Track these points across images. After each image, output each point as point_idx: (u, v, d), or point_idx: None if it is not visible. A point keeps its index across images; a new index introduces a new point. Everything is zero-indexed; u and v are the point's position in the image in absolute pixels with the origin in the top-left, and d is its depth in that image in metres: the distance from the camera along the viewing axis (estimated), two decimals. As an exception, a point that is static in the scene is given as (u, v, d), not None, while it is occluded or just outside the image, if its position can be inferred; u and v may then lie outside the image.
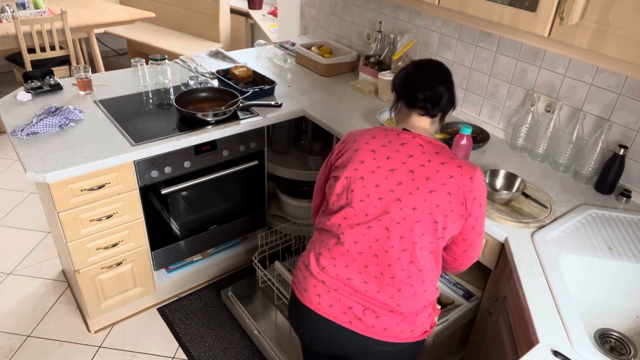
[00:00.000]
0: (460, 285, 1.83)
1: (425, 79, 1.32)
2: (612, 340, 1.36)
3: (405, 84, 1.34)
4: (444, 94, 1.30)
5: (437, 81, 1.31)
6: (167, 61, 2.34)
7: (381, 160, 1.27)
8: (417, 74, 1.33)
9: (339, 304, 1.28)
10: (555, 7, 1.41)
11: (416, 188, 1.22)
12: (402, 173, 1.25)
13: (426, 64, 1.35)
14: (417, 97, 1.30)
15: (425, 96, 1.30)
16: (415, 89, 1.31)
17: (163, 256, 2.21)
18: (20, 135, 1.84)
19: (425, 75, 1.32)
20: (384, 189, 1.24)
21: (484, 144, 1.95)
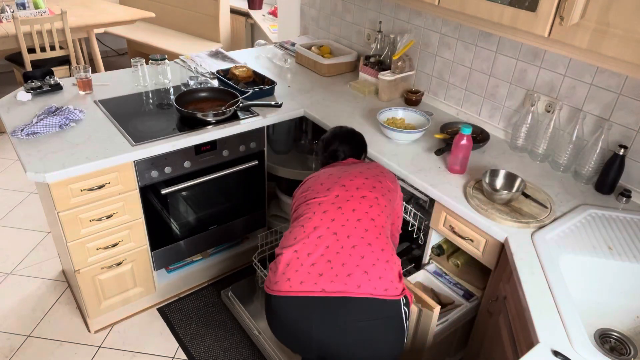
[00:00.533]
0: (460, 285, 1.83)
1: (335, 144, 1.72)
2: (612, 340, 1.36)
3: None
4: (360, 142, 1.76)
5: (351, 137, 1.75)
6: (167, 61, 2.34)
7: (337, 177, 1.54)
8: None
9: (310, 276, 1.34)
10: (555, 7, 1.41)
11: (362, 197, 1.47)
12: (353, 188, 1.50)
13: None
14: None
15: (344, 146, 1.74)
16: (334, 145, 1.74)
17: (163, 256, 2.21)
18: (20, 135, 1.84)
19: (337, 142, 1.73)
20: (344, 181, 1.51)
21: (484, 144, 1.95)
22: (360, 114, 2.22)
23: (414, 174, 1.79)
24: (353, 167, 1.58)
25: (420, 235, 1.91)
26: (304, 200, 1.51)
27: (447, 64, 2.24)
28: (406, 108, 2.15)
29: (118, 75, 2.44)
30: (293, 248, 1.39)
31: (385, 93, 2.35)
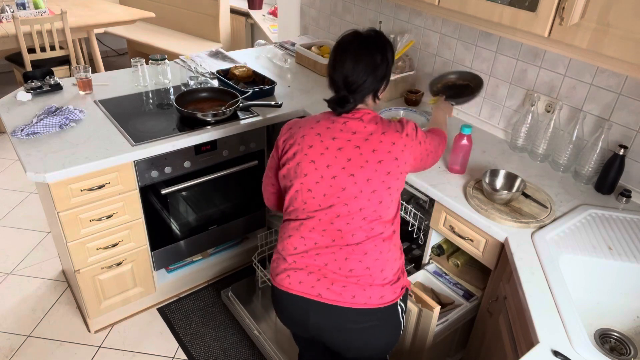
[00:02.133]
0: (460, 285, 1.83)
1: (344, 70, 1.33)
2: (612, 340, 1.36)
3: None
4: (362, 78, 1.32)
5: (357, 64, 1.31)
6: (167, 61, 2.34)
7: (328, 142, 1.33)
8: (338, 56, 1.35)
9: (308, 278, 1.34)
10: (555, 7, 1.41)
11: (365, 161, 1.30)
12: (349, 150, 1.31)
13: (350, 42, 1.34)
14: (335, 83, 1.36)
15: (338, 98, 1.35)
16: (338, 83, 1.35)
17: (163, 256, 2.21)
18: (20, 135, 1.84)
19: (346, 65, 1.33)
20: (335, 168, 1.31)
21: (479, 92, 1.92)
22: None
23: (414, 174, 1.79)
24: (359, 139, 1.32)
25: (420, 235, 1.91)
26: (294, 177, 1.35)
27: (447, 64, 2.24)
28: (406, 108, 2.15)
29: (118, 75, 2.44)
30: (301, 240, 1.36)
31: (385, 93, 2.35)
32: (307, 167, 1.33)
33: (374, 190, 1.30)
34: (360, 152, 1.30)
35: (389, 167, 1.30)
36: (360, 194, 1.30)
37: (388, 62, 1.35)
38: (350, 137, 1.32)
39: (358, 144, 1.31)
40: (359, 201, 1.30)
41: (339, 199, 1.31)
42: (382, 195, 1.31)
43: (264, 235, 2.30)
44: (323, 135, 1.34)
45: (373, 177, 1.30)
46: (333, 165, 1.31)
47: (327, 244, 1.33)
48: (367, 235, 1.32)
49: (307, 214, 1.35)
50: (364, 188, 1.30)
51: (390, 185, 1.31)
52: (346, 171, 1.30)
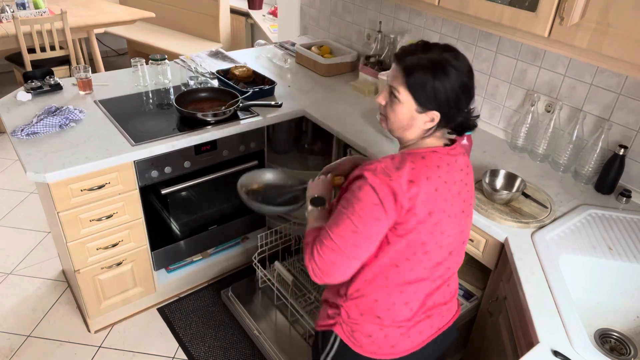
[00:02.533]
0: (460, 285, 1.83)
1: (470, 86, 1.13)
2: (612, 340, 1.36)
3: (458, 97, 1.10)
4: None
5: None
6: (167, 61, 2.34)
7: (451, 198, 1.15)
8: (469, 81, 1.12)
9: (426, 324, 1.24)
10: (555, 7, 1.41)
11: (469, 193, 1.22)
12: (464, 190, 1.19)
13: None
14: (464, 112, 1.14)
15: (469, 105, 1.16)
16: (466, 102, 1.13)
17: (163, 256, 2.21)
18: (20, 135, 1.84)
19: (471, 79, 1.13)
20: (457, 221, 1.19)
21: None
22: (360, 114, 2.22)
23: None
24: (464, 176, 1.18)
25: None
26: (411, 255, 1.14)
27: (447, 64, 2.24)
28: (406, 108, 2.15)
29: (118, 75, 2.44)
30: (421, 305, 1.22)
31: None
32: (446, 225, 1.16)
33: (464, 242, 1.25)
34: (468, 190, 1.21)
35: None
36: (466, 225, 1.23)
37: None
38: (463, 177, 1.19)
39: (467, 181, 1.20)
40: (466, 234, 1.25)
41: (457, 242, 1.22)
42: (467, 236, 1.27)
43: (264, 235, 2.30)
44: (447, 194, 1.14)
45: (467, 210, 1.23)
46: (456, 218, 1.18)
47: (438, 285, 1.23)
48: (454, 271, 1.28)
49: (428, 271, 1.18)
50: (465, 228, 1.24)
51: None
52: (465, 213, 1.21)
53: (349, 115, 2.21)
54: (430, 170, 1.10)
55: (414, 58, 1.09)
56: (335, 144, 2.18)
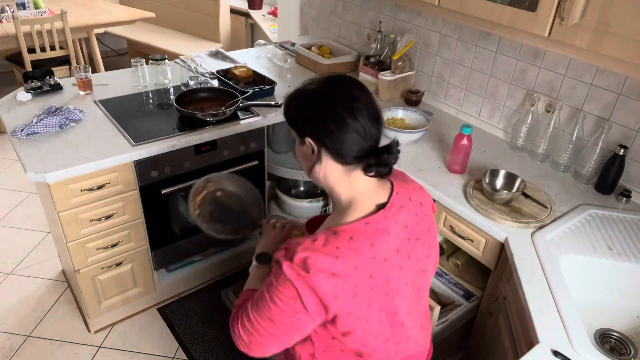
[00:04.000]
0: (460, 285, 1.83)
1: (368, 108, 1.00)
2: (612, 340, 1.36)
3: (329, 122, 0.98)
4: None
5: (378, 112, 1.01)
6: (167, 61, 2.34)
7: (406, 244, 1.05)
8: (357, 99, 1.00)
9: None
10: (555, 7, 1.41)
11: (429, 244, 1.12)
12: (417, 230, 1.08)
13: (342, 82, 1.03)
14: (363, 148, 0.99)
15: (377, 135, 1.00)
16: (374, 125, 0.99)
17: (163, 256, 2.21)
18: (20, 135, 1.84)
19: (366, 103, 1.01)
20: (414, 264, 1.08)
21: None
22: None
23: (413, 174, 1.79)
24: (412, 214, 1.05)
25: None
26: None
27: (447, 64, 2.24)
28: (406, 108, 2.15)
29: (118, 75, 2.44)
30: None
31: (385, 93, 2.35)
32: (402, 290, 1.06)
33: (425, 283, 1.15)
34: (423, 243, 1.09)
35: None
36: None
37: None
38: (411, 232, 1.07)
39: (419, 234, 1.08)
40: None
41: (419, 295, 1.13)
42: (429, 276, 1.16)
43: (264, 235, 2.30)
44: (398, 240, 1.03)
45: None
46: (412, 261, 1.08)
47: (408, 335, 1.13)
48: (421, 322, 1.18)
49: (395, 329, 1.08)
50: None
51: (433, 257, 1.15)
52: (423, 271, 1.11)
53: (349, 115, 2.20)
54: (360, 256, 0.94)
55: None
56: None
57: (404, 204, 1.03)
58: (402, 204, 1.03)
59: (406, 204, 1.04)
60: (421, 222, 1.07)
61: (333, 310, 0.94)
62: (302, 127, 1.01)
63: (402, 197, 1.04)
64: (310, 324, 0.97)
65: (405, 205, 1.03)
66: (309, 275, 0.91)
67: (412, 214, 1.04)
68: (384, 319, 1.02)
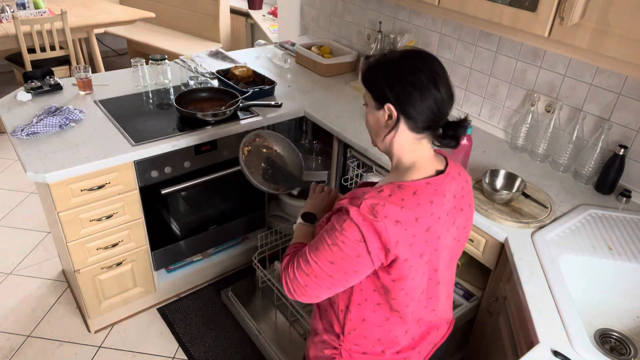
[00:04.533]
0: (460, 285, 1.83)
1: (448, 83, 1.04)
2: (612, 340, 1.36)
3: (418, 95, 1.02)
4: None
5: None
6: (167, 61, 2.34)
7: (453, 215, 1.12)
8: (439, 75, 1.03)
9: (424, 343, 1.22)
10: (555, 7, 1.41)
11: (463, 212, 1.16)
12: (465, 203, 1.15)
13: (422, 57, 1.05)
14: (443, 114, 1.05)
15: (448, 107, 1.06)
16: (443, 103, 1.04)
17: (163, 256, 2.21)
18: (20, 135, 1.84)
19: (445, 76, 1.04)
20: (458, 234, 1.16)
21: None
22: (360, 114, 2.22)
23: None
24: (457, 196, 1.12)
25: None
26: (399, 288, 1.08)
27: (447, 64, 2.24)
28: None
29: (118, 75, 2.44)
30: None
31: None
32: (439, 257, 1.12)
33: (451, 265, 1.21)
34: (464, 214, 1.17)
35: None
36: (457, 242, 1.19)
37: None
38: (458, 202, 1.13)
39: (463, 205, 1.15)
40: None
41: (449, 268, 1.20)
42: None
43: (264, 235, 2.30)
44: (446, 214, 1.10)
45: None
46: (458, 232, 1.17)
47: (434, 307, 1.21)
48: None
49: (424, 301, 1.17)
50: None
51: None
52: (458, 240, 1.18)
53: (349, 115, 2.21)
54: (422, 209, 1.02)
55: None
56: (335, 144, 2.18)
57: (456, 177, 1.12)
58: (454, 175, 1.11)
59: (457, 177, 1.12)
60: (466, 196, 1.15)
61: (393, 254, 1.00)
62: (385, 94, 1.04)
63: (454, 170, 1.12)
64: (368, 268, 1.03)
65: (456, 177, 1.12)
66: (377, 220, 0.98)
67: (459, 187, 1.12)
68: (426, 272, 1.10)
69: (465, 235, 1.20)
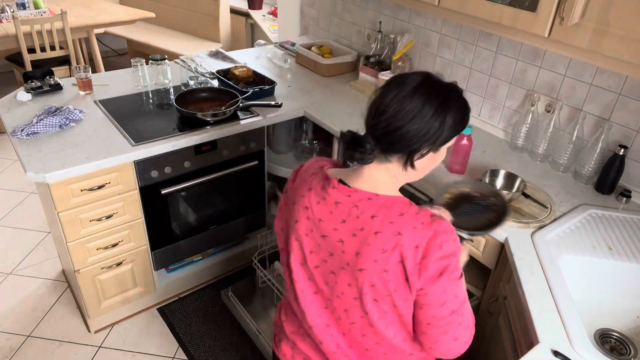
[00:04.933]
0: (460, 285, 1.83)
1: (384, 100, 0.96)
2: (612, 340, 1.36)
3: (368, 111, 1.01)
4: (396, 128, 0.94)
5: (403, 100, 0.94)
6: (167, 61, 2.34)
7: (314, 222, 1.04)
8: (381, 94, 0.98)
9: None
10: (555, 7, 1.41)
11: (346, 263, 1.00)
12: (332, 242, 1.01)
13: (404, 80, 0.99)
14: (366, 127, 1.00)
15: (350, 137, 0.99)
16: (367, 116, 1.00)
17: (163, 256, 2.21)
18: (20, 135, 1.84)
19: (389, 94, 0.96)
20: (317, 257, 1.05)
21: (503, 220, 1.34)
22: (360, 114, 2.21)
23: (414, 174, 1.79)
24: (348, 222, 1.00)
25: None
26: (285, 242, 1.10)
27: (447, 64, 2.24)
28: (406, 108, 2.15)
29: (118, 75, 2.44)
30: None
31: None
32: (291, 245, 1.07)
33: (356, 297, 1.01)
34: (343, 250, 1.00)
35: (374, 279, 0.97)
36: (342, 295, 1.03)
37: (444, 123, 0.96)
38: (338, 225, 1.00)
39: (342, 238, 1.00)
40: (342, 302, 1.04)
41: (322, 293, 1.07)
42: (368, 303, 1.00)
43: (264, 235, 2.30)
44: (310, 211, 1.04)
45: (353, 284, 1.00)
46: (315, 252, 1.05)
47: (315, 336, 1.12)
48: (362, 333, 1.07)
49: (295, 291, 1.10)
50: (346, 291, 1.02)
51: (377, 298, 0.99)
52: (328, 266, 1.03)
53: (349, 115, 2.21)
54: (304, 185, 1.10)
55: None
56: (335, 144, 2.18)
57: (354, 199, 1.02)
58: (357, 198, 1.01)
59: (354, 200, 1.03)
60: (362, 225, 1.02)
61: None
62: (439, 138, 0.97)
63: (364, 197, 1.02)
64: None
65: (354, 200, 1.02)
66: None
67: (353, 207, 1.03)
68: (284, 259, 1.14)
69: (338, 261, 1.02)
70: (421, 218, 0.95)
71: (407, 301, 0.99)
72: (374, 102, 0.99)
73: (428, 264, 0.93)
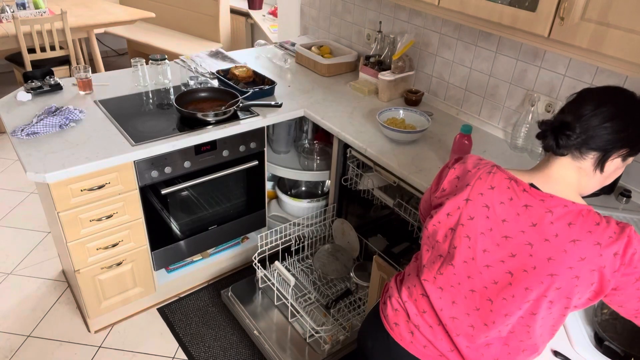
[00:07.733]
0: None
1: (581, 102, 1.02)
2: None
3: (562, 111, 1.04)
4: (599, 120, 0.99)
5: (597, 103, 1.00)
6: (167, 61, 2.34)
7: (495, 222, 1.04)
8: (579, 97, 1.04)
9: (432, 350, 1.14)
10: (555, 7, 1.41)
11: (533, 267, 1.00)
12: (518, 244, 1.02)
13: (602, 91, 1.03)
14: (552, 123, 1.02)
15: (559, 120, 1.02)
16: (560, 112, 1.02)
17: (163, 256, 2.21)
18: (20, 135, 1.84)
19: (585, 98, 1.02)
20: (492, 257, 1.05)
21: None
22: (360, 114, 2.22)
23: (414, 174, 1.79)
24: (539, 226, 1.01)
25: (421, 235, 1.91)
26: (450, 238, 1.09)
27: (447, 64, 2.24)
28: (406, 108, 2.15)
29: (118, 75, 2.44)
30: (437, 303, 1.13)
31: (385, 93, 2.35)
32: (458, 241, 1.07)
33: (529, 300, 1.02)
34: (531, 254, 1.00)
35: (562, 283, 0.98)
36: (512, 298, 1.03)
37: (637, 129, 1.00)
38: (526, 228, 1.01)
39: (532, 242, 1.00)
40: (507, 303, 1.04)
41: (485, 290, 1.07)
42: (539, 306, 1.03)
43: (264, 235, 2.30)
44: (491, 210, 1.04)
45: (534, 287, 1.01)
46: (491, 252, 1.04)
47: (468, 310, 1.12)
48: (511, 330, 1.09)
49: (440, 286, 1.12)
50: (518, 294, 1.02)
51: (553, 300, 1.01)
52: (505, 266, 1.03)
53: (349, 115, 2.21)
54: (482, 183, 1.15)
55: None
56: (335, 144, 2.18)
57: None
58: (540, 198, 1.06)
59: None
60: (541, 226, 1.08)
61: None
62: (638, 145, 1.03)
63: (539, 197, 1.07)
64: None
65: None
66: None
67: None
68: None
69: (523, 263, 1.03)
70: (613, 227, 0.98)
71: (580, 302, 1.03)
72: (591, 93, 1.03)
73: (629, 271, 0.98)
